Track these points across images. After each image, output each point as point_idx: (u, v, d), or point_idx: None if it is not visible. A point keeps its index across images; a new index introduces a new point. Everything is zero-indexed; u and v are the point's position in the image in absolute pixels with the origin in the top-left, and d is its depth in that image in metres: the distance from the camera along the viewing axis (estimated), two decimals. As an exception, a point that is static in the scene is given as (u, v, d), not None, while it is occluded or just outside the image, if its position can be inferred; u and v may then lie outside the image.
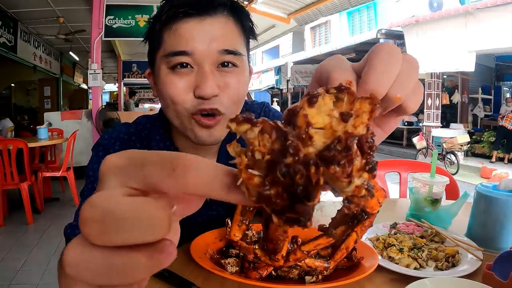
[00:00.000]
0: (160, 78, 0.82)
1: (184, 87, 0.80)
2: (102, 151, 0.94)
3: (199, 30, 0.78)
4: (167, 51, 0.80)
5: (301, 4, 8.24)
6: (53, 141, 5.31)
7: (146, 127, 0.99)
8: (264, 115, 1.13)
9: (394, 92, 0.34)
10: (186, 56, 0.79)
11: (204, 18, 0.78)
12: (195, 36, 0.78)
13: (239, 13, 0.84)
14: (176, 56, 0.79)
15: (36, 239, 3.95)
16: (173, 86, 0.80)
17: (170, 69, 0.81)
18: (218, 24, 0.80)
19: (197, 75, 0.80)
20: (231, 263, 0.76)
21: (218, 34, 0.79)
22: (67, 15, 7.82)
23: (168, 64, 0.80)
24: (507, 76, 11.50)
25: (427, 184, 1.12)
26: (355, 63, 0.39)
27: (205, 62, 0.79)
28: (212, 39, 0.79)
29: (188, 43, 0.78)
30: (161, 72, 0.82)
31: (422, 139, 9.66)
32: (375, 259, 0.76)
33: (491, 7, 7.35)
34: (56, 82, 12.33)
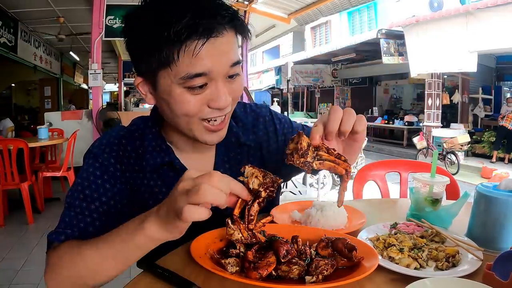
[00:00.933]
0: (171, 97, 0.83)
1: (200, 103, 0.83)
2: (92, 159, 0.95)
3: (212, 49, 0.78)
4: (182, 73, 0.79)
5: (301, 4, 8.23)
6: (53, 141, 5.32)
7: (140, 127, 1.01)
8: (272, 119, 1.16)
9: (342, 128, 0.77)
10: (203, 77, 0.80)
11: (216, 38, 0.78)
12: (210, 56, 0.79)
13: (241, 28, 0.86)
14: (194, 78, 0.79)
15: (36, 239, 3.96)
16: (189, 104, 0.83)
17: (185, 88, 0.81)
18: (227, 41, 0.81)
19: (212, 90, 0.83)
20: (232, 263, 0.76)
21: (227, 49, 0.82)
22: (68, 15, 7.82)
23: (184, 84, 0.80)
24: (507, 76, 11.49)
25: (428, 184, 1.12)
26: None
27: (219, 77, 0.82)
28: (223, 55, 0.81)
29: (205, 65, 0.79)
30: (173, 90, 0.82)
31: (422, 139, 9.66)
32: (375, 259, 0.76)
33: (491, 7, 7.34)
34: (56, 82, 12.35)
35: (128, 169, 0.96)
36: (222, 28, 0.79)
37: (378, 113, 15.60)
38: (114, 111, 6.95)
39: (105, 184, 0.92)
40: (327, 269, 0.73)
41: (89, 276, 0.78)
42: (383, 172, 1.87)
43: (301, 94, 20.31)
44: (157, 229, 0.69)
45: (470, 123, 11.13)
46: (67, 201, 0.91)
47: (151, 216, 0.70)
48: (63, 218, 0.89)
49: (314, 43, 17.85)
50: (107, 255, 0.74)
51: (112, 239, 0.75)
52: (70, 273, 0.78)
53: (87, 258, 0.76)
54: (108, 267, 0.76)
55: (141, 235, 0.70)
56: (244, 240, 0.75)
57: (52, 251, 0.84)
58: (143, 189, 0.98)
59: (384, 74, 14.70)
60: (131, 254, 0.74)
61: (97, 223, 0.89)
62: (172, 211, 0.65)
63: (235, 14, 0.83)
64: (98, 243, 0.76)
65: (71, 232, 0.86)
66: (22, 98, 13.26)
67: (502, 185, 0.95)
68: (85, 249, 0.78)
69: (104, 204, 0.91)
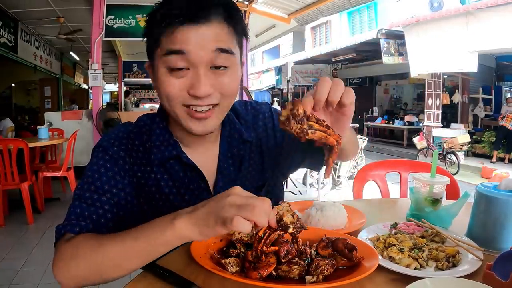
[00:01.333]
0: (157, 76, 0.88)
1: (180, 87, 0.86)
2: (101, 152, 0.97)
3: (195, 33, 0.82)
4: (163, 50, 0.84)
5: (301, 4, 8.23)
6: (53, 141, 5.31)
7: (147, 124, 1.04)
8: (271, 115, 1.17)
9: (329, 97, 0.77)
10: (181, 55, 0.83)
11: (201, 24, 0.82)
12: (191, 37, 0.83)
13: (232, 17, 0.88)
14: (172, 54, 0.83)
15: (36, 239, 3.96)
16: (169, 86, 0.86)
17: (167, 69, 0.86)
18: (213, 28, 0.84)
19: (192, 76, 0.85)
20: (232, 263, 0.76)
21: (212, 35, 0.84)
22: (68, 15, 7.82)
23: (165, 63, 0.85)
24: (507, 76, 11.48)
25: (428, 184, 1.12)
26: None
27: (199, 63, 0.84)
28: (206, 40, 0.83)
29: (183, 43, 0.83)
30: (159, 71, 0.87)
31: (422, 139, 9.66)
32: (375, 259, 0.76)
33: (491, 7, 7.34)
34: (56, 82, 12.34)
35: (136, 162, 0.99)
36: (206, 15, 0.83)
37: (378, 113, 15.60)
38: (114, 111, 6.95)
39: (115, 176, 0.94)
40: (327, 269, 0.73)
41: (108, 270, 0.78)
42: (383, 172, 1.88)
43: (301, 94, 20.30)
44: (189, 229, 0.70)
45: (470, 123, 11.13)
46: (76, 193, 0.92)
47: (183, 215, 0.71)
48: (73, 210, 0.89)
49: (314, 43, 17.85)
50: (131, 250, 0.75)
51: (138, 235, 0.75)
52: (88, 264, 0.78)
53: (109, 252, 0.77)
54: (130, 261, 0.77)
55: (171, 232, 0.71)
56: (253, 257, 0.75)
57: (65, 243, 0.83)
58: (150, 182, 0.99)
59: (384, 74, 14.70)
60: (156, 250, 0.75)
61: (108, 215, 0.90)
62: (219, 218, 0.66)
63: (228, 5, 0.87)
64: (124, 238, 0.77)
65: (85, 224, 0.87)
66: (22, 98, 13.27)
67: (502, 185, 0.95)
68: (107, 242, 0.78)
69: (115, 196, 0.92)
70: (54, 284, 2.93)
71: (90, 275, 0.78)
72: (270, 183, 1.15)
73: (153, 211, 1.00)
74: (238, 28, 0.90)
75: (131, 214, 0.95)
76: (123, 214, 0.93)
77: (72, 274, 0.79)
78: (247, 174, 1.08)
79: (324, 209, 1.08)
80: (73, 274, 0.79)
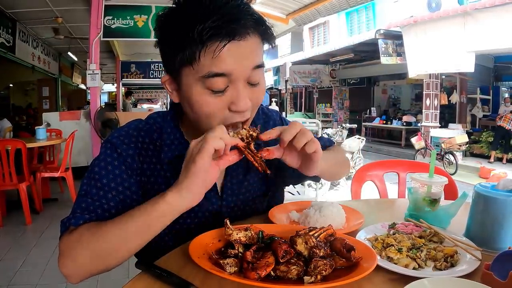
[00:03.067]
0: (192, 95, 0.86)
1: (220, 106, 0.86)
2: (110, 149, 0.97)
3: (234, 51, 0.81)
4: (203, 72, 0.82)
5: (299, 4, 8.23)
6: (51, 142, 5.31)
7: (158, 121, 1.04)
8: (281, 123, 1.21)
9: (293, 142, 0.84)
10: (223, 77, 0.82)
11: (238, 41, 0.81)
12: (232, 58, 0.81)
13: (266, 33, 0.88)
14: (214, 77, 0.82)
15: (34, 239, 3.95)
16: (209, 105, 0.85)
17: (206, 89, 0.84)
18: (249, 44, 0.83)
19: (232, 93, 0.85)
20: (230, 263, 0.76)
21: (249, 53, 0.84)
22: (66, 15, 7.81)
23: (204, 84, 0.83)
24: (505, 76, 11.51)
25: (426, 184, 1.12)
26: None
27: (239, 80, 0.84)
28: (245, 58, 0.83)
29: (226, 66, 0.81)
30: (194, 90, 0.85)
31: (420, 139, 9.68)
32: (373, 259, 0.76)
33: (489, 7, 7.36)
34: (54, 82, 12.32)
35: (145, 161, 0.99)
36: (245, 32, 0.82)
37: (376, 113, 15.63)
38: (112, 112, 6.94)
39: (122, 175, 0.94)
40: (326, 269, 0.73)
41: (109, 254, 0.80)
42: (381, 172, 1.88)
43: (299, 95, 20.33)
44: (178, 196, 0.78)
45: (468, 123, 11.15)
46: (83, 188, 0.92)
47: (171, 187, 0.79)
48: (78, 204, 0.90)
49: (312, 43, 17.88)
50: (129, 229, 0.79)
51: (134, 214, 0.80)
52: (90, 251, 0.79)
53: (108, 235, 0.79)
54: (130, 241, 0.80)
55: (163, 203, 0.78)
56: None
57: (68, 235, 0.84)
58: (160, 180, 1.00)
59: (382, 74, 14.72)
60: (153, 224, 0.79)
61: (113, 211, 0.90)
62: (193, 159, 0.76)
63: (260, 20, 0.86)
64: (121, 219, 0.80)
65: (89, 216, 0.87)
66: (20, 99, 13.23)
67: (500, 185, 0.95)
68: (105, 226, 0.80)
69: (121, 194, 0.92)
70: (52, 285, 2.94)
71: (94, 262, 0.80)
72: (273, 189, 1.18)
73: None
74: (270, 41, 0.90)
75: None
76: None
77: (77, 264, 0.80)
78: (254, 177, 1.10)
79: (322, 209, 1.08)
80: (79, 264, 0.80)
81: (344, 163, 1.28)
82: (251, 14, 0.84)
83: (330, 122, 16.52)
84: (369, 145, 12.90)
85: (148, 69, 12.08)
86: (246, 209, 1.11)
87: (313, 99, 18.57)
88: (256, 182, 1.11)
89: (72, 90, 15.52)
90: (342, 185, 6.50)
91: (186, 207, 0.80)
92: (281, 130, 0.85)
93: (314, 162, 0.89)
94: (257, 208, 1.14)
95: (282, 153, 0.89)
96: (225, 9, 0.80)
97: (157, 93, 18.16)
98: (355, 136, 7.96)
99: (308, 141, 0.85)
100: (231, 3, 0.82)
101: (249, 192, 1.11)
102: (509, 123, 8.88)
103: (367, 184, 1.85)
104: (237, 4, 0.82)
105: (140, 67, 12.11)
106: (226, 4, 0.81)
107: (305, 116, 17.00)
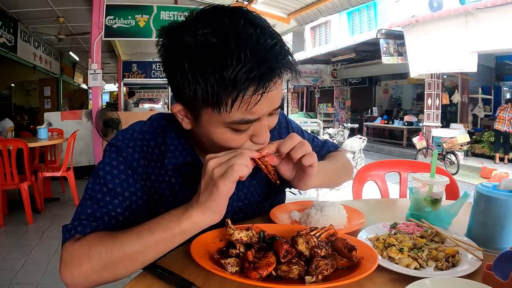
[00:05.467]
0: (214, 134, 0.84)
1: (243, 141, 0.85)
2: (114, 152, 0.94)
3: (266, 99, 0.77)
4: (233, 119, 0.78)
5: (301, 4, 8.22)
6: (53, 141, 5.31)
7: (162, 124, 1.01)
8: (286, 125, 1.21)
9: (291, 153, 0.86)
10: (252, 122, 0.82)
11: (270, 89, 0.77)
12: (265, 106, 0.79)
13: (294, 74, 0.83)
14: (245, 124, 0.81)
15: (36, 239, 3.96)
16: (232, 142, 0.84)
17: (229, 128, 0.82)
18: (279, 89, 0.81)
19: (255, 127, 0.83)
20: (231, 263, 0.76)
21: (277, 98, 0.82)
22: (67, 15, 7.81)
23: (231, 126, 0.81)
24: (507, 76, 11.50)
25: (427, 184, 1.12)
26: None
27: (264, 117, 0.83)
28: (273, 103, 0.82)
29: (258, 113, 0.80)
30: (216, 129, 0.82)
31: (422, 139, 9.67)
32: (375, 259, 0.76)
33: (491, 7, 7.35)
34: (56, 82, 12.33)
35: (150, 165, 0.97)
36: (278, 79, 0.78)
37: (378, 113, 15.61)
38: (114, 111, 6.95)
39: (128, 179, 0.92)
40: (327, 269, 0.73)
41: (123, 265, 0.78)
42: (383, 172, 1.88)
43: (301, 94, 20.31)
44: (202, 215, 0.77)
45: (470, 123, 11.14)
46: (88, 193, 0.90)
47: (193, 204, 0.78)
48: (83, 209, 0.87)
49: (313, 43, 17.85)
50: (148, 243, 0.77)
51: (153, 228, 0.78)
52: (103, 262, 0.77)
53: (125, 247, 0.77)
54: (146, 255, 0.78)
55: (189, 221, 0.77)
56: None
57: (74, 243, 0.81)
58: (164, 185, 0.98)
59: (384, 74, 14.71)
60: (173, 240, 0.79)
61: (120, 218, 0.88)
62: (215, 183, 0.74)
63: (291, 62, 0.80)
64: (139, 232, 0.78)
65: (96, 224, 0.85)
66: (21, 98, 13.24)
67: (501, 185, 0.95)
68: (122, 238, 0.78)
69: (127, 199, 0.90)
70: (53, 285, 2.95)
71: (102, 273, 0.78)
72: (276, 192, 1.17)
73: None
74: (294, 77, 0.85)
75: (141, 218, 0.92)
76: (133, 218, 0.91)
77: (83, 274, 0.77)
78: (260, 182, 1.09)
79: (324, 209, 1.08)
80: (85, 273, 0.77)
81: (344, 170, 1.27)
82: (284, 56, 0.78)
83: (331, 122, 16.53)
84: (371, 145, 12.89)
85: (150, 69, 12.07)
86: (250, 212, 1.11)
87: (315, 99, 18.56)
88: (261, 186, 1.11)
89: (74, 90, 15.53)
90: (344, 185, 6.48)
91: (210, 224, 0.79)
92: (279, 143, 0.86)
93: (309, 176, 0.90)
94: (259, 211, 1.14)
95: (279, 162, 0.89)
96: (259, 53, 0.73)
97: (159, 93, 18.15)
98: (356, 136, 7.96)
99: (305, 154, 0.85)
100: (262, 41, 0.74)
101: (253, 197, 1.10)
102: (503, 125, 8.92)
103: (368, 184, 1.85)
104: (271, 46, 0.75)
105: (142, 66, 12.09)
106: (258, 44, 0.73)
107: (307, 115, 16.99)
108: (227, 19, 0.75)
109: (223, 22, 0.75)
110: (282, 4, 8.32)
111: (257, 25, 0.76)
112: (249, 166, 0.77)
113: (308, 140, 1.25)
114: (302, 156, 0.85)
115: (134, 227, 0.79)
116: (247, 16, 0.78)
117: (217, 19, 0.76)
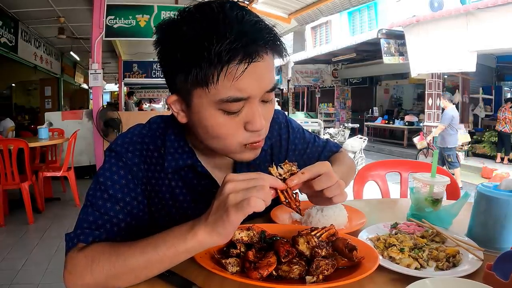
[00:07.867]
0: (206, 118, 0.83)
1: (236, 126, 0.84)
2: (114, 158, 0.93)
3: (253, 73, 0.78)
4: (222, 96, 0.78)
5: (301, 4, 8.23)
6: (53, 141, 5.32)
7: (161, 127, 1.00)
8: (287, 126, 1.19)
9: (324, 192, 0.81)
10: (242, 101, 0.81)
11: (256, 62, 0.77)
12: (252, 80, 0.79)
13: (279, 51, 0.85)
14: (233, 102, 0.80)
15: (36, 239, 3.96)
16: (225, 127, 0.83)
17: (220, 111, 0.81)
18: (267, 64, 0.81)
19: (247, 112, 0.83)
20: (232, 263, 0.76)
21: (267, 73, 0.81)
22: (68, 15, 7.82)
23: (221, 107, 0.81)
24: (508, 76, 11.49)
25: (428, 184, 1.12)
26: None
27: (255, 100, 0.82)
28: (263, 79, 0.81)
29: (246, 90, 0.79)
30: (207, 112, 0.82)
31: (422, 139, 9.64)
32: (375, 259, 0.76)
33: (491, 7, 7.33)
34: (57, 82, 12.34)
35: (150, 169, 0.96)
36: (263, 52, 0.79)
37: (379, 113, 15.60)
38: (115, 111, 6.95)
39: (129, 184, 0.91)
40: (328, 269, 0.73)
41: (125, 279, 0.77)
42: (384, 172, 1.87)
43: (301, 94, 20.31)
44: (208, 236, 0.72)
45: (471, 123, 11.12)
46: (89, 200, 0.89)
47: (201, 224, 0.73)
48: (85, 217, 0.87)
49: (314, 43, 17.84)
50: (152, 259, 0.74)
51: (157, 244, 0.75)
52: (105, 275, 0.76)
53: (129, 262, 0.75)
54: (149, 270, 0.76)
55: (193, 240, 0.72)
56: (294, 208, 0.78)
57: (78, 252, 0.81)
58: (164, 189, 0.97)
59: (385, 74, 14.71)
60: (177, 258, 0.75)
61: (122, 224, 0.88)
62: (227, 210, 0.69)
63: (276, 37, 0.82)
64: (144, 247, 0.76)
65: (99, 233, 0.85)
66: (22, 98, 13.25)
67: (502, 185, 0.95)
68: (126, 252, 0.77)
69: (128, 205, 0.90)
70: (54, 284, 2.95)
71: (107, 285, 0.77)
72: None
73: (164, 219, 0.98)
74: (282, 55, 0.87)
75: (143, 223, 0.93)
76: (135, 223, 0.90)
77: (86, 284, 0.78)
78: None
79: (325, 209, 1.08)
80: (88, 284, 0.78)
81: (350, 173, 1.27)
82: (268, 31, 0.80)
83: (332, 121, 16.52)
84: (371, 145, 12.89)
85: (150, 68, 12.08)
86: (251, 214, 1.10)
87: (315, 99, 18.56)
88: None
89: (74, 90, 15.54)
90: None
91: (215, 245, 0.76)
92: (313, 179, 0.80)
93: (330, 204, 0.86)
94: (260, 214, 1.14)
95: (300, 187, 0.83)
96: (242, 27, 0.76)
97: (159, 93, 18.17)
98: (357, 135, 7.96)
99: (337, 194, 0.82)
100: (246, 18, 0.78)
101: None
102: (504, 126, 8.91)
103: (369, 184, 1.84)
104: (254, 21, 0.78)
105: (142, 66, 12.10)
106: (242, 21, 0.77)
107: (307, 115, 16.97)
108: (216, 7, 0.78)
109: (212, 9, 0.78)
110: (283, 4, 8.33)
111: (243, 8, 0.80)
112: (267, 200, 0.70)
113: (309, 139, 1.25)
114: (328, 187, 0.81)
115: (139, 241, 0.77)
116: (235, 4, 0.81)
117: (208, 5, 0.80)
